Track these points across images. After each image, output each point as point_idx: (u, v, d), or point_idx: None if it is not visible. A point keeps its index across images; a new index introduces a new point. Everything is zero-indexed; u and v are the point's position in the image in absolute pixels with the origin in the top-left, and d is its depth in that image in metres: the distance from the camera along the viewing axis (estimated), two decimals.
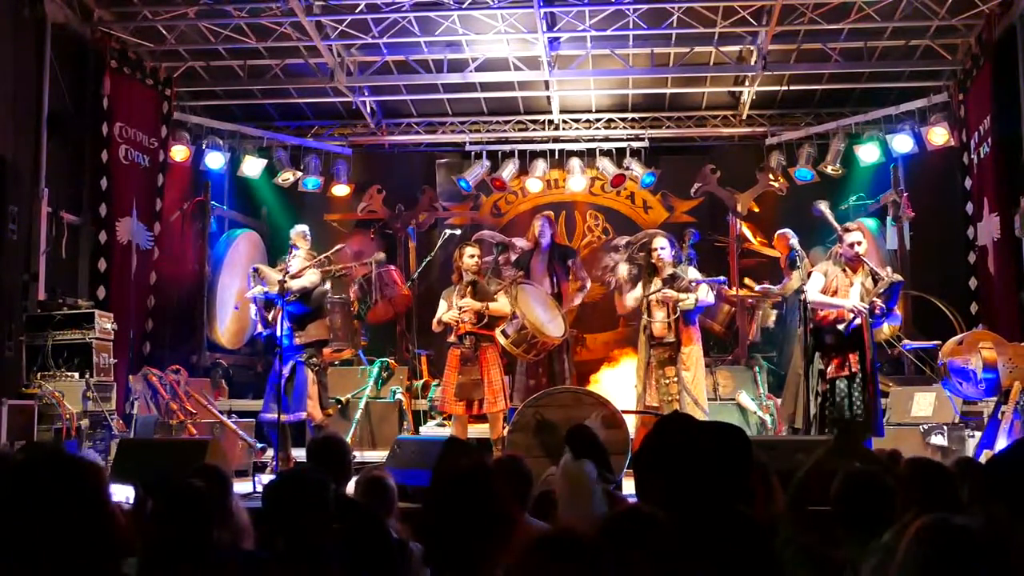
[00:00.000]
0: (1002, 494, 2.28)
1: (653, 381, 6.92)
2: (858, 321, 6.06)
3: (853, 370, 6.13)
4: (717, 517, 2.06)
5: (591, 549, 1.75)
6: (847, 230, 6.38)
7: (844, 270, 6.30)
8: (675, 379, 6.84)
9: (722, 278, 7.55)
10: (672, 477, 2.22)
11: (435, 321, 7.22)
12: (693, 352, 6.93)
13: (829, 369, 6.23)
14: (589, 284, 8.95)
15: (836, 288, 6.29)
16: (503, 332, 7.19)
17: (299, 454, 6.92)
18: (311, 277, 7.09)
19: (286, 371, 6.90)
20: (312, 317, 7.17)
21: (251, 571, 2.51)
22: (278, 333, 6.85)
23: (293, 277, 6.95)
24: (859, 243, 6.26)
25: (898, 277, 6.26)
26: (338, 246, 8.00)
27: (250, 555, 2.59)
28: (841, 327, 6.13)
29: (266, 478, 6.17)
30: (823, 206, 7.69)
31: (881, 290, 6.09)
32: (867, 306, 6.07)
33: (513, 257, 10.02)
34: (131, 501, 3.08)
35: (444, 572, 2.37)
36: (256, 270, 7.19)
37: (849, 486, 2.79)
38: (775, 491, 2.93)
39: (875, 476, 2.86)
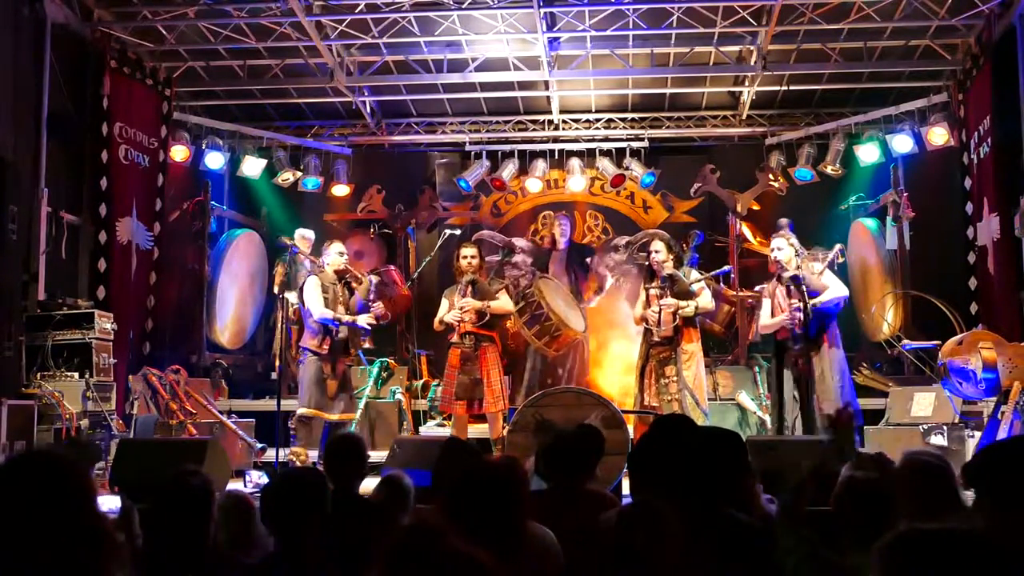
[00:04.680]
0: (989, 489, 2.25)
1: (652, 381, 6.91)
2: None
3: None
4: (710, 517, 2.06)
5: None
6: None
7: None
8: (675, 378, 6.82)
9: (727, 267, 7.53)
10: (667, 477, 2.22)
11: (436, 320, 7.25)
12: (693, 351, 6.93)
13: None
14: (608, 284, 8.98)
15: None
16: (526, 324, 7.19)
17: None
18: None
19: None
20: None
21: None
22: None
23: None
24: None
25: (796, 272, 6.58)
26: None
27: (244, 562, 2.57)
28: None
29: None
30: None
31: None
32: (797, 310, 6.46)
33: (517, 258, 10.06)
34: (116, 511, 3.03)
35: None
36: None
37: (851, 492, 2.77)
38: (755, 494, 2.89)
39: (877, 482, 2.84)
